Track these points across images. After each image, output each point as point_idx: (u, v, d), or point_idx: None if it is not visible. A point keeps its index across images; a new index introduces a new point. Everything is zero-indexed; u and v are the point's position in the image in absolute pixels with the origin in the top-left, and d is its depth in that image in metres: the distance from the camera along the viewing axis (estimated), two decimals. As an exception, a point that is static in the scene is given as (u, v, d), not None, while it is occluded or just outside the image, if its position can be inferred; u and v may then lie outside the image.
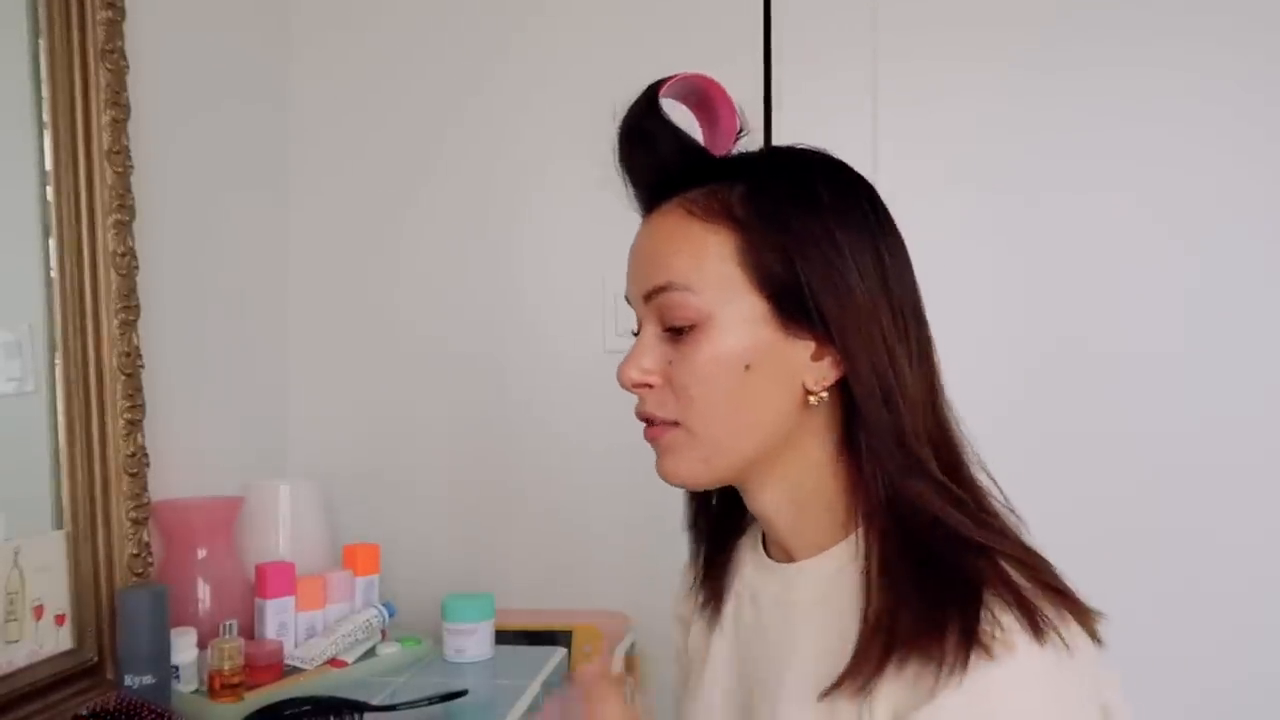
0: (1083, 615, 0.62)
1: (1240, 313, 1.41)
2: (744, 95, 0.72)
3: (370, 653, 1.27)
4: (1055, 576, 0.63)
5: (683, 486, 0.72)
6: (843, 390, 0.67)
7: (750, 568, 0.77)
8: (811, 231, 0.65)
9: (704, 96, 0.73)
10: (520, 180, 1.59)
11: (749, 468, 0.70)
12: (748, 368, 0.66)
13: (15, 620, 1.01)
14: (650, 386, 0.69)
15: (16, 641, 1.01)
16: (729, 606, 0.78)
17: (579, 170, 1.57)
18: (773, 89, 1.30)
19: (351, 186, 1.65)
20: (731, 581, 0.79)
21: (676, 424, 0.68)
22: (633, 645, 1.49)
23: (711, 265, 0.66)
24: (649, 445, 0.71)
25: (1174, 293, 1.42)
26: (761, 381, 0.66)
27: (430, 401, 1.62)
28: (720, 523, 0.80)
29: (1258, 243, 1.40)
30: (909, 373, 0.66)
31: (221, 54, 1.48)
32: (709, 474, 0.69)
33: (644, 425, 0.71)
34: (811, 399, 0.67)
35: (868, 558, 0.64)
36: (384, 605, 1.33)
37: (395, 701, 1.11)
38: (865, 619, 0.62)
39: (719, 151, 0.72)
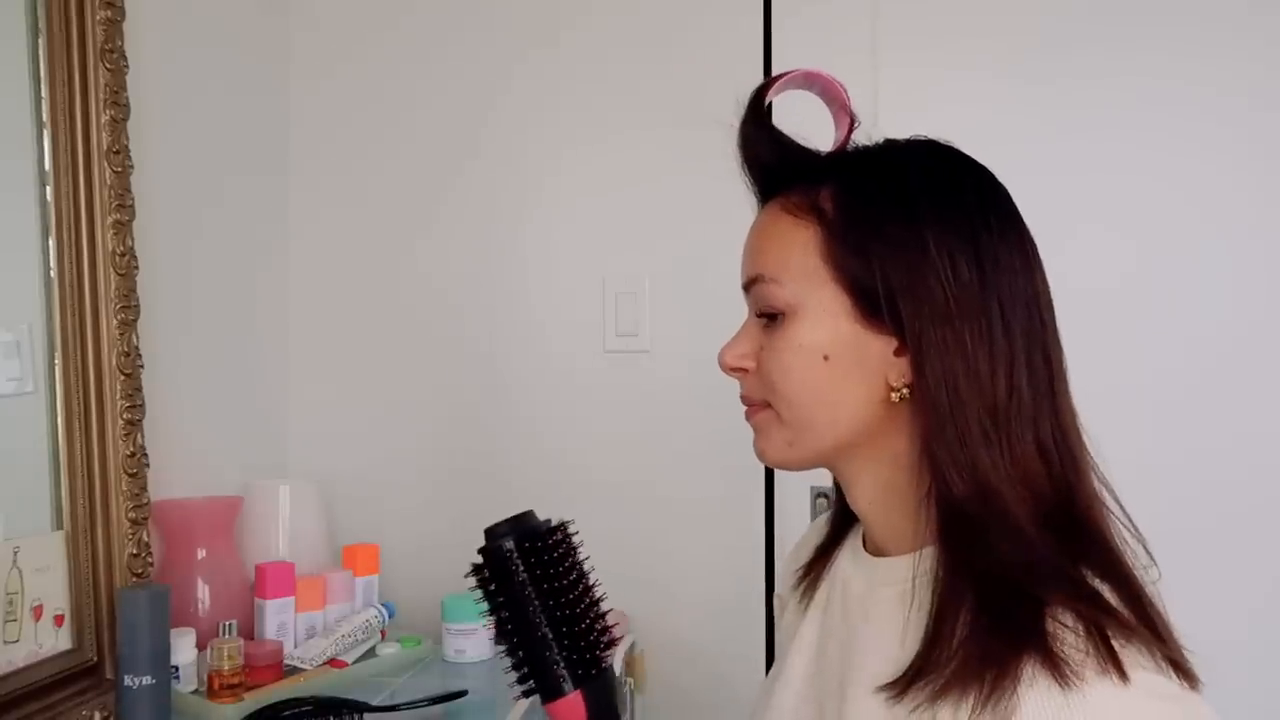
0: (1177, 656, 0.58)
1: (1238, 318, 1.41)
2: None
3: (370, 653, 1.27)
4: (1146, 614, 0.59)
5: (774, 466, 0.77)
6: None
7: (847, 557, 0.78)
8: (894, 230, 0.66)
9: (820, 90, 0.75)
10: (521, 182, 1.59)
11: (836, 456, 0.72)
12: (826, 358, 0.68)
13: (14, 620, 1.01)
14: (745, 371, 0.74)
15: (16, 641, 1.01)
16: (822, 592, 0.80)
17: (580, 172, 1.57)
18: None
19: (352, 186, 1.65)
20: (831, 569, 0.80)
21: (768, 406, 0.72)
22: (633, 645, 1.48)
23: (797, 259, 0.69)
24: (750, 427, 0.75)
25: (1172, 298, 1.42)
26: (840, 372, 0.68)
27: (430, 402, 1.62)
28: (846, 512, 0.80)
29: (1256, 244, 1.41)
30: (996, 380, 0.64)
31: (221, 53, 1.48)
32: (794, 456, 0.73)
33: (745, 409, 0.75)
34: (894, 395, 0.67)
35: (935, 573, 0.63)
36: (384, 605, 1.33)
37: (395, 702, 1.11)
38: (927, 638, 0.61)
39: (840, 142, 0.74)
